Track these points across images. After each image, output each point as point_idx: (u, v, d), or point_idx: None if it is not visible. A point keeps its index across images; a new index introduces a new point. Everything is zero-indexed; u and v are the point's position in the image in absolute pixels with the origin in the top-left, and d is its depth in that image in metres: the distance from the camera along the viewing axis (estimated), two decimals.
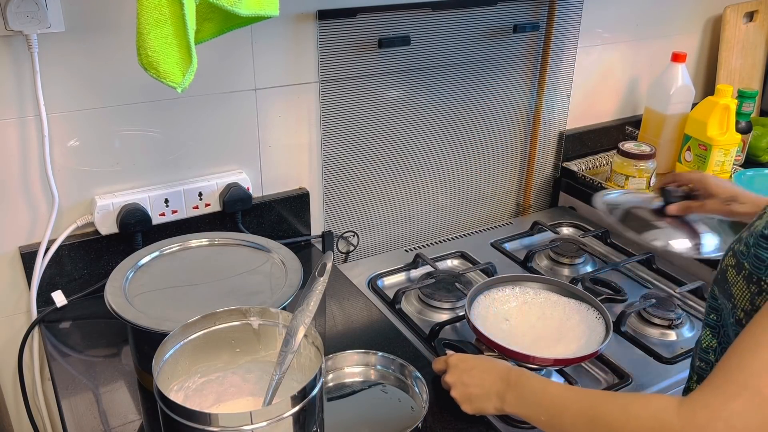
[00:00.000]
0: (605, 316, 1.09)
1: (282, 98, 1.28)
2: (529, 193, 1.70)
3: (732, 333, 0.75)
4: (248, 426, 0.68)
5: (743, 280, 0.73)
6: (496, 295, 1.16)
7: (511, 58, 1.51)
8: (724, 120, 1.56)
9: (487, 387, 0.91)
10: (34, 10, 0.99)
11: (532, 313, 1.13)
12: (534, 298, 1.16)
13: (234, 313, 0.84)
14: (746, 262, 0.72)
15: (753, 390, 0.61)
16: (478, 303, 1.14)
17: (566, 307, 1.13)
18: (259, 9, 0.94)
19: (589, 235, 1.52)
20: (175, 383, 0.81)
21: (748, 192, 1.09)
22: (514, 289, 1.17)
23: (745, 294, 0.72)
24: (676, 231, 1.13)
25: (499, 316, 1.12)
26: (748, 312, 0.71)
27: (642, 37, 1.72)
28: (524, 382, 0.87)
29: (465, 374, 0.94)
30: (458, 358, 0.98)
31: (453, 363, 0.97)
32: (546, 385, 0.84)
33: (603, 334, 1.06)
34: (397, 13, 1.31)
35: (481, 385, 0.91)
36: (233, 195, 1.24)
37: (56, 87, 1.08)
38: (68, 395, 1.00)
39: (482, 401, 0.91)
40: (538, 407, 0.83)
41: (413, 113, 1.44)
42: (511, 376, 0.89)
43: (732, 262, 0.76)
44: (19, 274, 1.16)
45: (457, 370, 0.96)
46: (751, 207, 1.06)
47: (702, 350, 0.81)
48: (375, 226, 1.50)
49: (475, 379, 0.92)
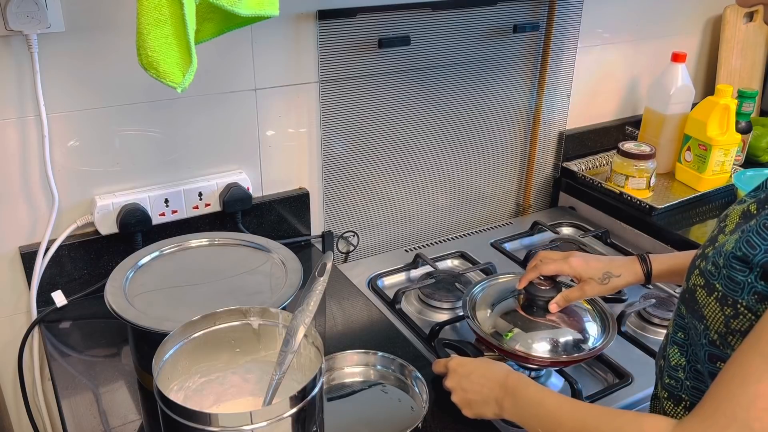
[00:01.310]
0: (606, 316, 1.09)
1: (282, 98, 1.28)
2: (529, 193, 1.70)
3: (702, 353, 0.73)
4: (248, 426, 0.68)
5: (715, 302, 0.70)
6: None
7: (511, 58, 1.51)
8: (724, 120, 1.56)
9: (485, 393, 0.90)
10: (34, 10, 0.99)
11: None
12: None
13: (234, 313, 0.83)
14: (718, 284, 0.70)
15: (742, 423, 0.61)
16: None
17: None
18: (259, 9, 0.94)
19: (589, 235, 1.52)
20: (175, 383, 0.81)
21: (613, 258, 1.06)
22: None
23: (718, 316, 0.70)
24: (561, 328, 1.05)
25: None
26: (722, 334, 0.70)
27: (642, 37, 1.72)
28: (522, 389, 0.86)
29: (464, 379, 0.94)
30: (457, 363, 0.97)
31: (452, 368, 0.97)
32: (543, 396, 0.84)
33: (604, 334, 1.06)
34: (397, 13, 1.31)
35: (479, 392, 0.91)
36: (233, 195, 1.24)
37: (56, 87, 1.08)
38: (68, 395, 1.00)
39: (481, 407, 0.91)
40: (534, 418, 0.83)
41: (413, 113, 1.44)
42: (509, 382, 0.88)
43: (700, 281, 0.73)
44: (19, 274, 1.16)
45: (456, 375, 0.95)
46: (629, 274, 1.02)
47: (671, 367, 0.79)
48: (375, 226, 1.50)
49: (474, 384, 0.92)
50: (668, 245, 1.43)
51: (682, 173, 1.63)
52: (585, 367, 1.12)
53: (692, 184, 1.61)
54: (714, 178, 1.58)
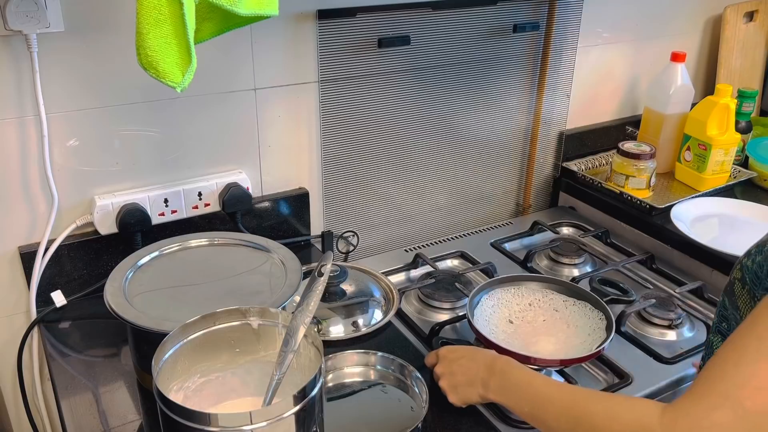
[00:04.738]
0: (608, 317, 1.09)
1: (282, 98, 1.28)
2: (529, 193, 1.70)
3: None
4: (248, 426, 0.68)
5: (747, 294, 0.74)
6: (500, 296, 1.17)
7: (510, 58, 1.51)
8: (723, 120, 1.56)
9: (472, 374, 0.92)
10: (34, 9, 0.99)
11: (535, 313, 1.13)
12: (539, 299, 1.16)
13: (234, 313, 0.83)
14: (748, 277, 0.74)
15: (735, 402, 0.61)
16: (482, 304, 1.14)
17: (569, 307, 1.13)
18: (258, 9, 0.94)
19: (589, 235, 1.52)
20: (175, 383, 0.81)
21: None
22: (519, 289, 1.18)
23: (748, 307, 0.74)
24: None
25: (502, 317, 1.13)
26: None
27: (642, 37, 1.71)
28: (509, 371, 0.88)
29: (453, 363, 0.96)
30: (447, 350, 0.99)
31: (443, 354, 0.99)
32: (531, 377, 0.85)
33: (605, 334, 1.06)
34: (396, 12, 1.31)
35: (466, 374, 0.93)
36: (233, 195, 1.24)
37: (56, 87, 1.08)
38: (68, 395, 1.00)
39: (467, 389, 0.92)
40: (521, 398, 0.84)
41: (413, 113, 1.44)
42: (497, 364, 0.90)
43: (739, 275, 0.77)
44: (18, 274, 1.16)
45: (446, 361, 0.97)
46: None
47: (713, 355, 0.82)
48: (375, 226, 1.50)
49: (462, 367, 0.94)
50: (668, 245, 1.43)
51: (682, 173, 1.63)
52: (585, 367, 1.12)
53: (692, 183, 1.61)
54: (714, 177, 1.58)
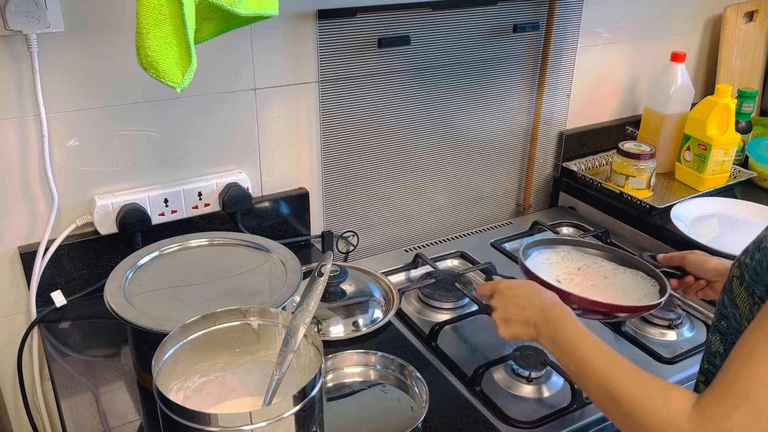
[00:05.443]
0: (661, 283, 1.09)
1: (282, 98, 1.28)
2: (529, 193, 1.70)
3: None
4: (248, 426, 0.68)
5: (745, 292, 0.75)
6: (549, 255, 1.17)
7: (510, 58, 1.51)
8: (723, 119, 1.56)
9: (526, 315, 0.92)
10: (34, 9, 0.99)
11: (584, 278, 1.14)
12: (587, 264, 1.17)
13: (233, 313, 0.83)
14: (747, 274, 0.74)
15: (752, 400, 0.63)
16: (532, 258, 1.15)
17: (619, 275, 1.14)
18: (258, 9, 0.94)
19: (589, 235, 1.52)
20: (175, 383, 0.81)
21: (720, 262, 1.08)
22: (569, 253, 1.18)
23: (746, 305, 0.74)
24: None
25: (550, 276, 1.12)
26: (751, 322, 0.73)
27: (642, 37, 1.71)
28: (564, 324, 0.87)
29: (509, 301, 0.96)
30: (505, 285, 0.99)
31: (500, 289, 0.99)
32: (582, 335, 0.84)
33: (658, 297, 1.06)
34: (396, 12, 1.31)
35: (521, 313, 0.93)
36: (233, 195, 1.24)
37: (56, 87, 1.08)
38: (68, 395, 1.00)
39: (519, 327, 0.93)
40: (567, 355, 0.84)
41: (413, 113, 1.44)
42: (553, 312, 0.90)
43: (737, 273, 0.77)
44: (18, 274, 1.16)
45: (502, 296, 0.97)
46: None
47: (710, 354, 0.83)
48: (375, 226, 1.50)
49: (518, 306, 0.94)
50: (668, 245, 1.43)
51: (682, 173, 1.63)
52: None
53: (692, 183, 1.61)
54: (714, 177, 1.58)
